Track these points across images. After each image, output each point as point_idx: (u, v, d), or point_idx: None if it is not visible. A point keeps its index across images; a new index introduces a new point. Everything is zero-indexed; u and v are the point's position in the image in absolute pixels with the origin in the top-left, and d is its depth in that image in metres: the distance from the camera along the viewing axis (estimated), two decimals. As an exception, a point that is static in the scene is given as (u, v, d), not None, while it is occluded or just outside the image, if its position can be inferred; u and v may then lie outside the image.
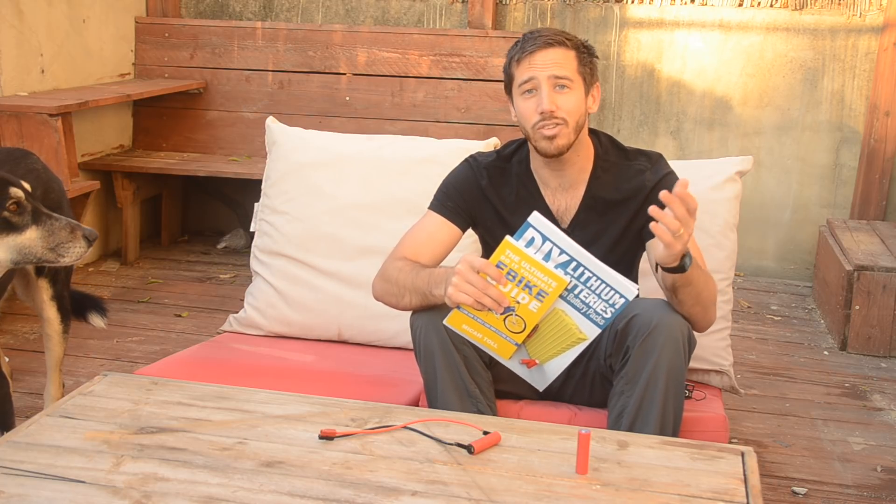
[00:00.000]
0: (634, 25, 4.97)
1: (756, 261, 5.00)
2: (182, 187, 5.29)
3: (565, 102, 2.14)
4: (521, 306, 1.92)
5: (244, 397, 1.90)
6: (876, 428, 3.22)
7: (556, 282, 1.89)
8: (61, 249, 2.05)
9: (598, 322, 1.94)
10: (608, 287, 1.90)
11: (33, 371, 3.25)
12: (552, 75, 2.13)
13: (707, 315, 2.10)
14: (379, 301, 2.23)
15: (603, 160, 2.25)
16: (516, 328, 1.95)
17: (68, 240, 2.05)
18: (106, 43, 4.93)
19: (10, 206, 2.01)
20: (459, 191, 2.27)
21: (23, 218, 2.03)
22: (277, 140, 2.85)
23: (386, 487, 1.55)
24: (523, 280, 1.89)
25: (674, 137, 5.01)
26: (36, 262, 2.08)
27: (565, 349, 1.98)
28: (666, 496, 1.56)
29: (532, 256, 1.88)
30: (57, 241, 2.05)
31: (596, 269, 1.90)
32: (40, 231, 2.04)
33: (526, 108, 2.17)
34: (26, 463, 1.59)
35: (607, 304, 1.91)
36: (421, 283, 2.07)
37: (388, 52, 4.96)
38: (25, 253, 2.04)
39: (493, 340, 1.98)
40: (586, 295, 1.91)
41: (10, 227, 2.02)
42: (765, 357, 3.86)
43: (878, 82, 4.71)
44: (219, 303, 4.25)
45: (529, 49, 2.16)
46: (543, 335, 1.98)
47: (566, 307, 1.94)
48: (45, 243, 2.04)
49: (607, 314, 1.92)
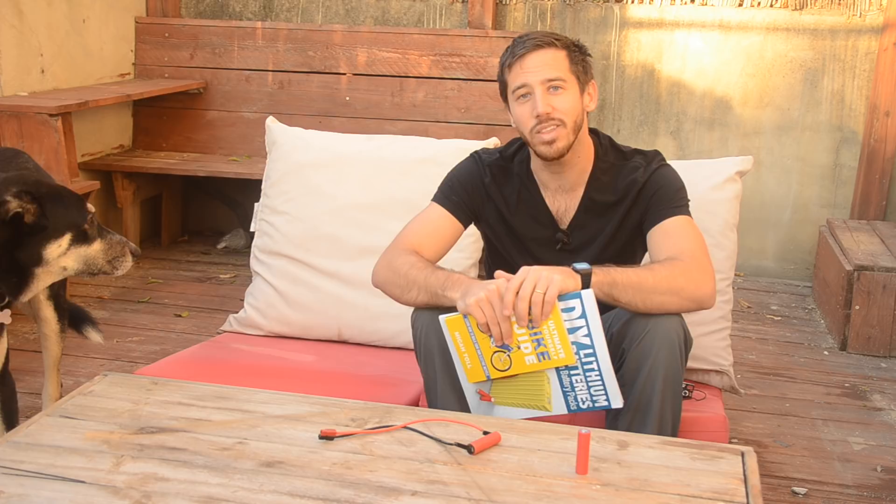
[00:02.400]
0: (634, 25, 4.97)
1: (756, 261, 5.00)
2: (182, 187, 5.29)
3: (560, 103, 2.13)
4: (518, 352, 1.92)
5: (244, 397, 1.90)
6: (876, 428, 3.22)
7: (566, 355, 1.90)
8: (116, 262, 2.22)
9: (570, 405, 1.96)
10: (602, 387, 1.92)
11: (33, 371, 3.25)
12: (545, 78, 2.13)
13: (681, 299, 2.00)
14: (378, 287, 2.20)
15: (602, 161, 2.25)
16: (500, 366, 1.95)
17: (121, 254, 2.23)
18: (106, 43, 4.93)
19: (91, 219, 2.17)
20: (464, 185, 2.27)
21: (93, 231, 2.18)
22: (277, 140, 2.85)
23: (386, 487, 1.55)
24: (539, 334, 1.89)
25: (674, 137, 5.01)
26: (94, 273, 2.21)
27: (525, 406, 1.99)
28: (666, 496, 1.56)
29: (561, 322, 1.88)
30: (114, 255, 2.21)
31: (604, 367, 1.91)
32: (104, 244, 2.20)
33: (522, 112, 2.16)
34: (26, 463, 1.59)
35: (591, 398, 1.94)
36: (435, 283, 2.05)
37: (388, 52, 4.96)
38: (90, 263, 2.19)
39: (471, 361, 1.97)
40: (579, 380, 1.93)
41: (84, 239, 2.16)
42: (765, 357, 3.86)
43: (878, 82, 4.71)
44: (219, 303, 4.25)
45: (519, 53, 2.15)
46: (516, 383, 1.98)
47: (553, 377, 1.95)
48: (105, 256, 2.20)
49: (583, 405, 1.95)
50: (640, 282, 1.98)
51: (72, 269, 2.17)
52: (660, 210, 2.16)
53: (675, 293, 2.00)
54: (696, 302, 2.04)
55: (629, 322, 2.03)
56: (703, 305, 2.06)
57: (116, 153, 5.03)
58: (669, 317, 2.01)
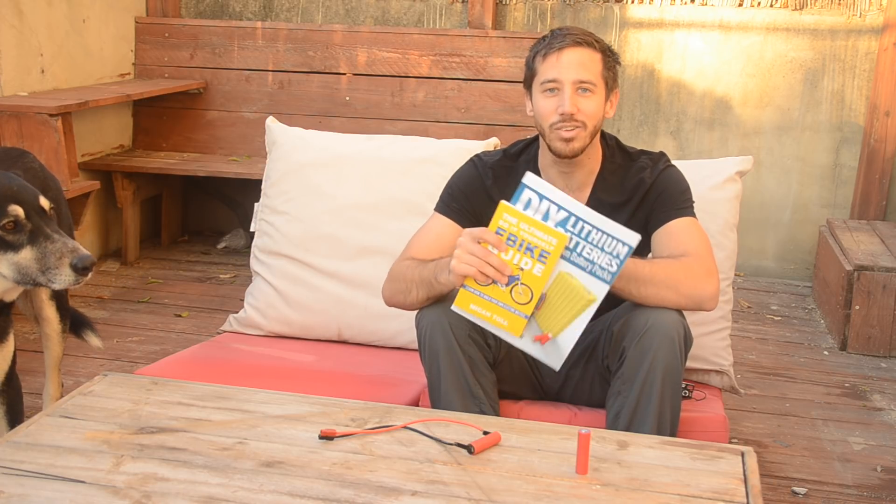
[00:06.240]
0: (634, 25, 4.97)
1: (756, 261, 5.00)
2: (182, 187, 5.29)
3: (587, 106, 2.13)
4: (526, 272, 1.88)
5: (244, 397, 1.90)
6: (876, 428, 3.22)
7: (556, 238, 1.87)
8: (50, 274, 1.96)
9: (604, 278, 1.89)
10: (610, 237, 1.87)
11: (33, 371, 3.25)
12: (577, 79, 2.12)
13: (678, 294, 2.02)
14: (390, 305, 2.22)
15: (610, 162, 2.25)
16: (523, 298, 1.91)
17: (56, 266, 1.96)
18: (106, 43, 4.93)
19: (7, 224, 1.96)
20: (464, 191, 2.27)
21: (18, 237, 1.97)
22: (277, 140, 2.85)
23: (386, 487, 1.55)
24: (524, 243, 1.87)
25: (674, 137, 5.01)
26: (34, 284, 2.00)
27: (576, 315, 1.92)
28: (666, 496, 1.56)
29: (531, 217, 1.86)
30: (47, 266, 1.96)
31: (595, 221, 1.88)
32: (34, 252, 1.97)
33: (546, 106, 2.15)
34: (26, 463, 1.59)
35: (611, 256, 1.88)
36: (427, 273, 2.06)
37: (388, 52, 4.96)
38: (24, 273, 1.98)
39: (503, 317, 1.92)
40: (589, 251, 1.88)
41: (6, 246, 1.97)
42: (765, 357, 3.86)
43: (878, 82, 4.71)
44: (219, 303, 4.25)
45: (557, 46, 2.14)
46: (552, 303, 1.92)
47: (571, 268, 1.90)
48: (38, 265, 1.97)
49: (612, 267, 1.88)
50: (635, 269, 1.98)
51: (10, 277, 1.99)
52: (665, 211, 2.17)
53: (671, 287, 2.01)
54: (695, 300, 2.04)
55: (629, 320, 2.03)
56: (702, 306, 2.06)
57: (116, 153, 5.03)
58: (669, 314, 2.01)
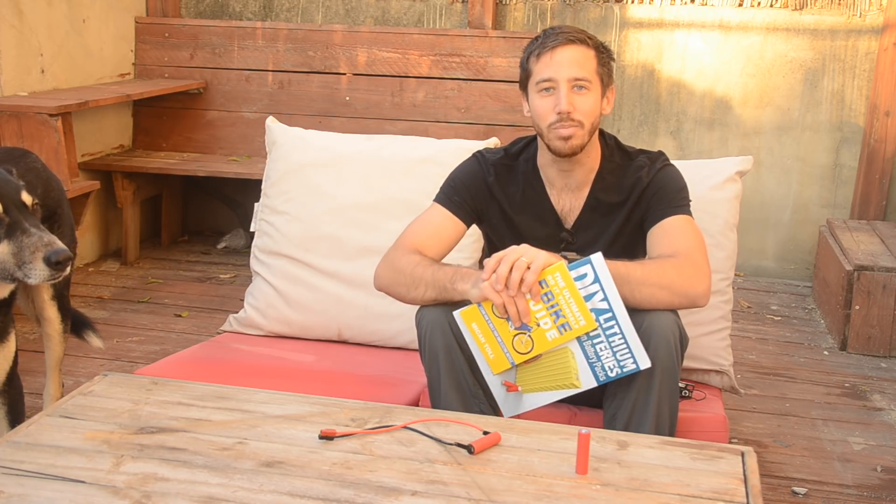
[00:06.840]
0: (634, 25, 4.97)
1: (756, 261, 5.00)
2: (182, 187, 5.29)
3: (583, 104, 2.13)
4: (539, 330, 1.92)
5: (244, 397, 1.90)
6: (876, 428, 3.22)
7: (585, 321, 1.89)
8: (26, 269, 1.90)
9: (599, 376, 1.94)
10: (627, 349, 1.91)
11: (33, 371, 3.25)
12: (572, 76, 2.12)
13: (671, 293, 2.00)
14: (381, 290, 2.21)
15: (608, 161, 2.25)
16: (522, 349, 1.94)
17: (30, 260, 1.89)
18: (106, 43, 4.93)
19: None
20: (466, 186, 2.27)
21: None
22: (277, 140, 2.85)
23: (386, 487, 1.55)
24: (556, 306, 1.89)
25: (674, 137, 5.01)
26: (12, 280, 1.95)
27: (554, 388, 1.98)
28: (666, 496, 1.56)
29: (576, 289, 1.88)
30: (22, 260, 1.90)
31: (625, 329, 1.90)
32: (10, 247, 1.91)
33: (542, 105, 2.16)
34: (26, 463, 1.59)
35: (618, 363, 1.92)
36: (443, 277, 2.05)
37: (388, 52, 4.96)
38: (1, 268, 1.93)
39: (493, 350, 1.96)
40: (603, 348, 1.92)
41: None
42: (765, 357, 3.86)
43: (878, 82, 4.71)
44: (219, 303, 4.25)
45: (550, 45, 2.14)
46: (542, 366, 1.97)
47: (577, 350, 1.94)
48: (15, 260, 1.91)
49: (612, 373, 1.93)
50: (627, 272, 1.98)
51: None
52: (660, 209, 2.17)
53: (664, 287, 2.01)
54: (688, 298, 2.05)
55: None
56: (695, 303, 2.07)
57: (116, 153, 5.03)
58: (665, 315, 2.01)
